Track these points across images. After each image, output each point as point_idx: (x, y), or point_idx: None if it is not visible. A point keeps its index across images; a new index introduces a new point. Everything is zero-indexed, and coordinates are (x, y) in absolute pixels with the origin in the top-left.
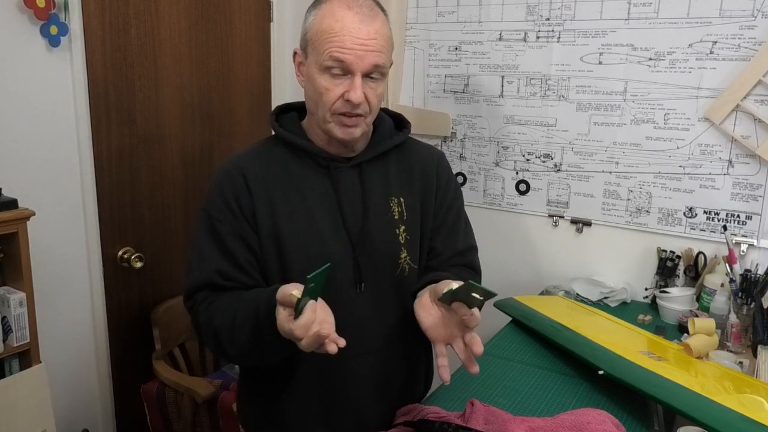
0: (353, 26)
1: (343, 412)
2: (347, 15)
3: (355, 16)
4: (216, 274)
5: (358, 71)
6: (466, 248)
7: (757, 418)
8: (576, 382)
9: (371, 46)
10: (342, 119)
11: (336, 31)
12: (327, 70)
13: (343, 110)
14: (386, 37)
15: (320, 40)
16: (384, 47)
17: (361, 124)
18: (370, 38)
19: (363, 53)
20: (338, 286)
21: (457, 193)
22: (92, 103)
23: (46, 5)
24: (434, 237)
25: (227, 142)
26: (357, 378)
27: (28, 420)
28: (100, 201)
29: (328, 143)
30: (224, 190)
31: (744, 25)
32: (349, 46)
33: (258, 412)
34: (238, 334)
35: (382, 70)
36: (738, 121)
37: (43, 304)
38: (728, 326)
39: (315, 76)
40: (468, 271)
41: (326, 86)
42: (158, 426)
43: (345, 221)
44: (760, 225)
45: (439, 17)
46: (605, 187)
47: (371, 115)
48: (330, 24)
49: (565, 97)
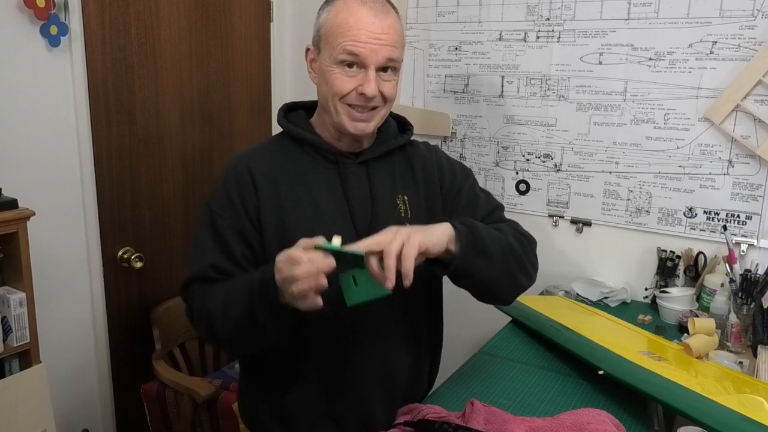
0: (367, 20)
1: (349, 408)
2: (362, 9)
3: (369, 10)
4: (210, 269)
5: (372, 65)
6: (488, 212)
7: (757, 418)
8: (576, 382)
9: (385, 40)
10: (353, 112)
11: (351, 25)
12: (341, 64)
13: (356, 102)
14: (399, 33)
15: (335, 34)
16: (397, 42)
17: (374, 117)
18: (384, 32)
19: (377, 47)
20: None
21: (465, 173)
22: (92, 103)
23: (46, 5)
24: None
25: (227, 142)
26: (363, 374)
27: (28, 420)
28: (100, 201)
29: (338, 139)
30: (229, 185)
31: (744, 25)
32: (363, 39)
33: (263, 410)
34: (230, 311)
35: (396, 64)
36: (738, 121)
37: (43, 304)
38: (728, 326)
39: (329, 69)
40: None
41: (340, 79)
42: (158, 426)
43: (353, 216)
44: (760, 225)
45: (439, 17)
46: (605, 187)
47: (385, 108)
48: (344, 18)
49: (565, 97)
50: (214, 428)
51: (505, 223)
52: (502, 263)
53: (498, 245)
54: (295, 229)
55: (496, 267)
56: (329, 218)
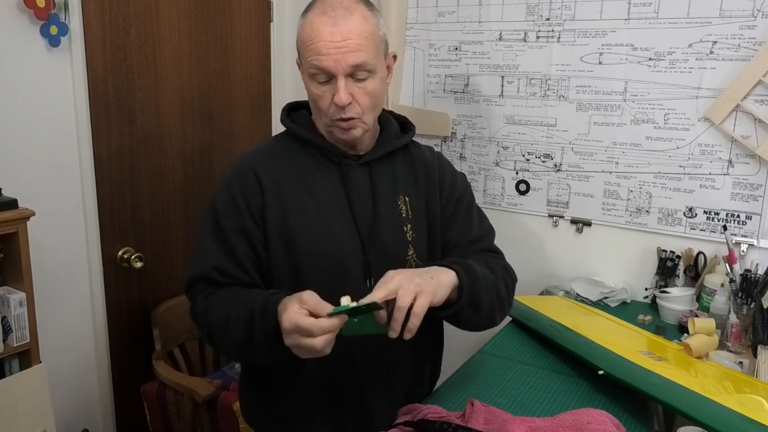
0: (325, 30)
1: (351, 409)
2: (321, 20)
3: (328, 20)
4: (213, 270)
5: (338, 74)
6: (481, 234)
7: (757, 418)
8: (576, 382)
9: (347, 47)
10: (339, 124)
11: (312, 39)
12: (313, 78)
13: (336, 116)
14: (365, 34)
15: (303, 50)
16: (362, 45)
17: (357, 125)
18: (344, 39)
19: (339, 56)
20: (349, 282)
21: (465, 184)
22: (92, 103)
23: (46, 5)
24: (448, 229)
25: (227, 142)
26: (365, 375)
27: (28, 420)
28: (100, 201)
29: (336, 142)
30: (233, 186)
31: (744, 25)
32: (324, 51)
33: (264, 409)
34: (231, 332)
35: (366, 67)
36: (738, 121)
37: (43, 304)
38: (728, 326)
39: (307, 84)
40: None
41: (318, 93)
42: (158, 426)
43: (355, 217)
44: (760, 225)
45: (439, 17)
46: (605, 187)
47: (367, 113)
48: (307, 33)
49: (565, 97)
50: (214, 428)
51: (496, 258)
52: (487, 310)
53: (489, 293)
54: (297, 230)
55: (482, 315)
56: (331, 219)
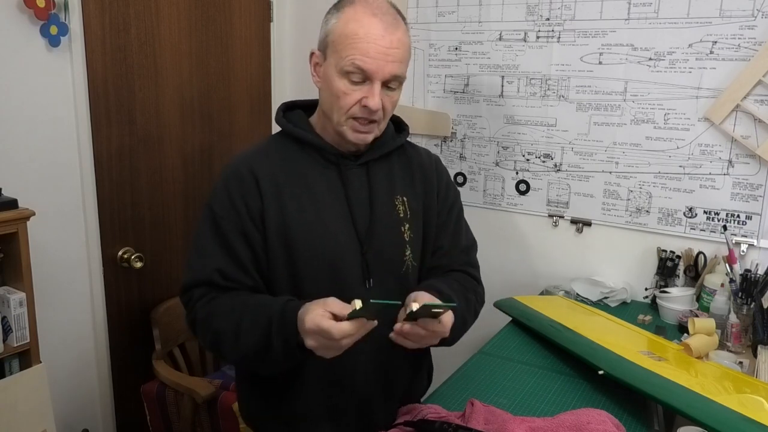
0: (377, 33)
1: (349, 407)
2: (372, 22)
3: (379, 23)
4: (216, 273)
5: (377, 79)
6: (469, 245)
7: (757, 418)
8: (576, 382)
9: (393, 56)
10: (356, 124)
11: (360, 37)
12: (347, 75)
13: (359, 115)
14: (407, 48)
15: (343, 45)
16: (404, 58)
17: (374, 130)
18: (392, 47)
19: (384, 63)
20: (349, 282)
21: (457, 193)
22: (92, 103)
23: (46, 5)
24: (440, 235)
25: (227, 142)
26: (364, 374)
27: (28, 420)
28: (100, 201)
29: (338, 143)
30: (231, 188)
31: (744, 25)
32: (372, 54)
33: (263, 409)
34: (244, 339)
35: (400, 79)
36: (738, 121)
37: (43, 304)
38: (728, 326)
39: (333, 79)
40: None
41: (344, 90)
42: (158, 426)
43: (353, 218)
44: (760, 225)
45: (439, 17)
46: (605, 187)
47: (384, 121)
48: (354, 29)
49: (565, 97)
50: (214, 428)
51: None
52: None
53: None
54: (296, 230)
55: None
56: (330, 220)
